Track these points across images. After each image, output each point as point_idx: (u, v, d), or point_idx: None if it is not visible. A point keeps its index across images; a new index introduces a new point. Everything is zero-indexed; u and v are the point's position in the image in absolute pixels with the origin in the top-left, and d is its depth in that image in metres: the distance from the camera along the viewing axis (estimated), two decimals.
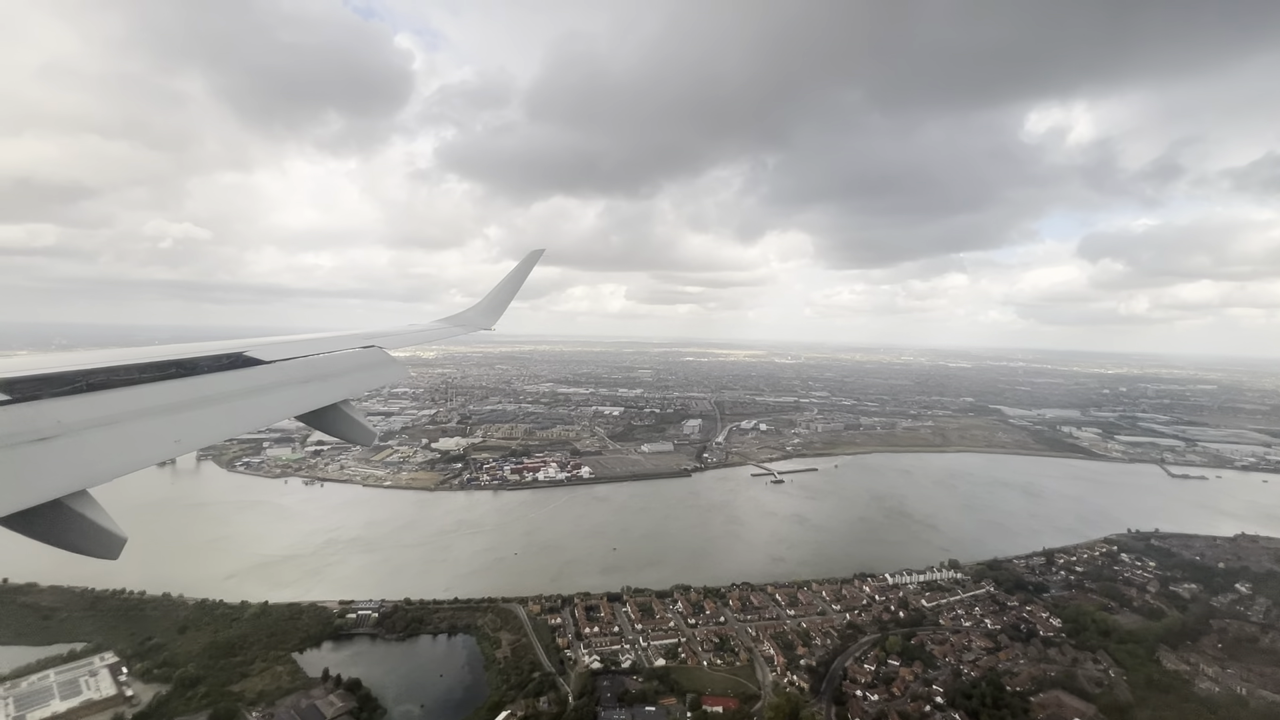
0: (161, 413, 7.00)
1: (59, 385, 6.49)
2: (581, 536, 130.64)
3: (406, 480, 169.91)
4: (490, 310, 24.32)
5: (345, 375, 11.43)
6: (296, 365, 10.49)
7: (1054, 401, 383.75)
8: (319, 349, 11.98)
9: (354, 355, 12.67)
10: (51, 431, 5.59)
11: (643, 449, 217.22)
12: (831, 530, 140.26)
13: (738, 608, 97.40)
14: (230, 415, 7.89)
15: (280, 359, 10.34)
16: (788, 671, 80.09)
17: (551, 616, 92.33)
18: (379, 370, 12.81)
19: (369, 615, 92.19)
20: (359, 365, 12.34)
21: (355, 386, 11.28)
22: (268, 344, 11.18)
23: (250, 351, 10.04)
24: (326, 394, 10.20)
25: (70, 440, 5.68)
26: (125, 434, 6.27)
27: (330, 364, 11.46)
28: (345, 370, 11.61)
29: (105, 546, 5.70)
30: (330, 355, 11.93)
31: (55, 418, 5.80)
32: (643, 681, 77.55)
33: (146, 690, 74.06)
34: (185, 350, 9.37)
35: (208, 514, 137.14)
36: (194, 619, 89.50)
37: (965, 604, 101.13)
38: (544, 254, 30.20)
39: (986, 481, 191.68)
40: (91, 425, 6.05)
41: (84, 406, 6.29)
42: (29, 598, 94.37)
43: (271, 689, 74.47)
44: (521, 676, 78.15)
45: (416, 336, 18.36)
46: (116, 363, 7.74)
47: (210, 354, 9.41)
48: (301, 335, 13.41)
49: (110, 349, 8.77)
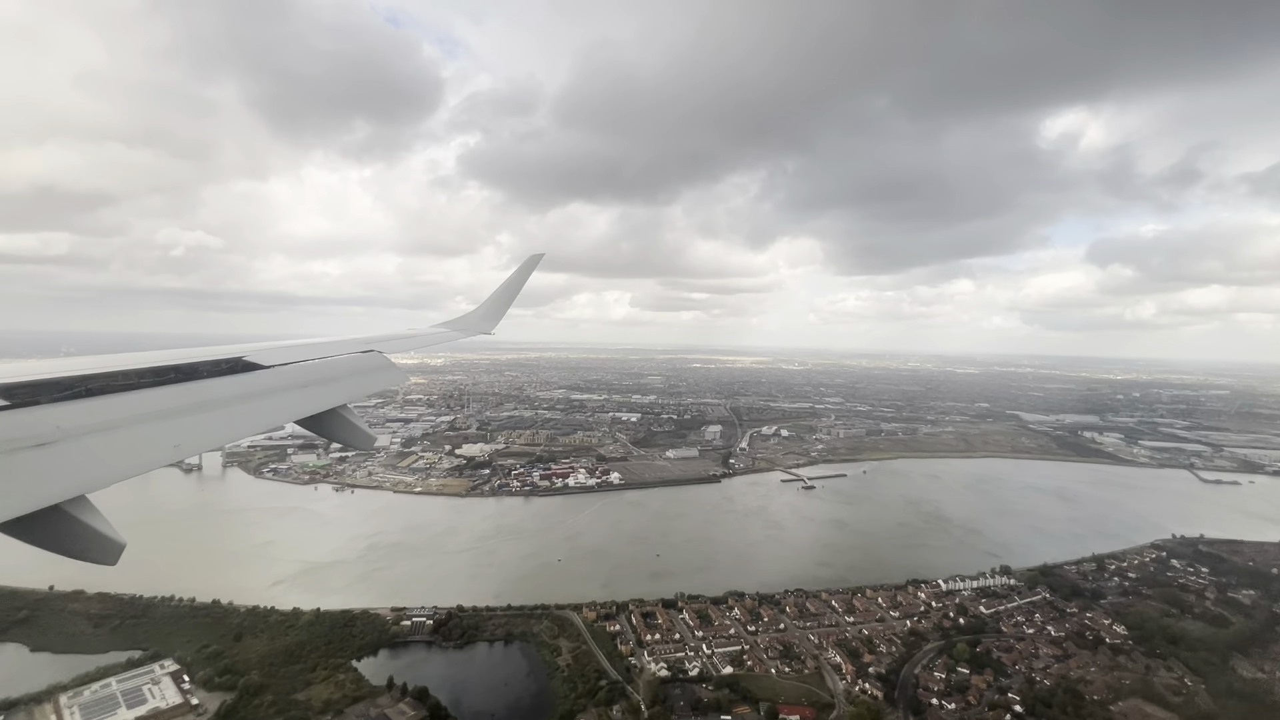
0: (160, 418, 6.97)
1: (58, 390, 6.45)
2: (624, 542, 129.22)
3: (436, 486, 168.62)
4: (490, 315, 24.15)
5: (344, 380, 11.32)
6: (295, 370, 10.41)
7: (1068, 407, 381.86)
8: (318, 354, 11.86)
9: (353, 360, 12.51)
10: (50, 437, 5.54)
11: (668, 455, 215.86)
12: (873, 535, 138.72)
13: (795, 614, 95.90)
14: (229, 420, 7.86)
15: (279, 364, 10.27)
16: (858, 680, 78.56)
17: (609, 624, 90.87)
18: (378, 375, 12.68)
19: (423, 622, 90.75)
20: (358, 370, 12.21)
21: (354, 391, 11.18)
22: (267, 349, 11.12)
23: (249, 356, 9.99)
24: (326, 399, 10.11)
25: (69, 446, 5.62)
26: (124, 439, 6.23)
27: (329, 369, 11.36)
28: (344, 375, 11.51)
29: (104, 552, 5.61)
30: (329, 360, 11.79)
31: (54, 423, 5.75)
32: (713, 690, 76.08)
33: (211, 698, 72.66)
34: (184, 355, 9.33)
35: (245, 520, 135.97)
36: (248, 626, 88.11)
37: (1024, 610, 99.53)
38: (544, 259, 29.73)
39: (1018, 487, 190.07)
40: (90, 431, 5.99)
41: (83, 412, 6.25)
42: (78, 605, 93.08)
43: (337, 697, 73.01)
44: (588, 684, 76.64)
45: (416, 341, 18.22)
46: (115, 368, 7.69)
47: (209, 359, 9.34)
48: (301, 340, 13.32)
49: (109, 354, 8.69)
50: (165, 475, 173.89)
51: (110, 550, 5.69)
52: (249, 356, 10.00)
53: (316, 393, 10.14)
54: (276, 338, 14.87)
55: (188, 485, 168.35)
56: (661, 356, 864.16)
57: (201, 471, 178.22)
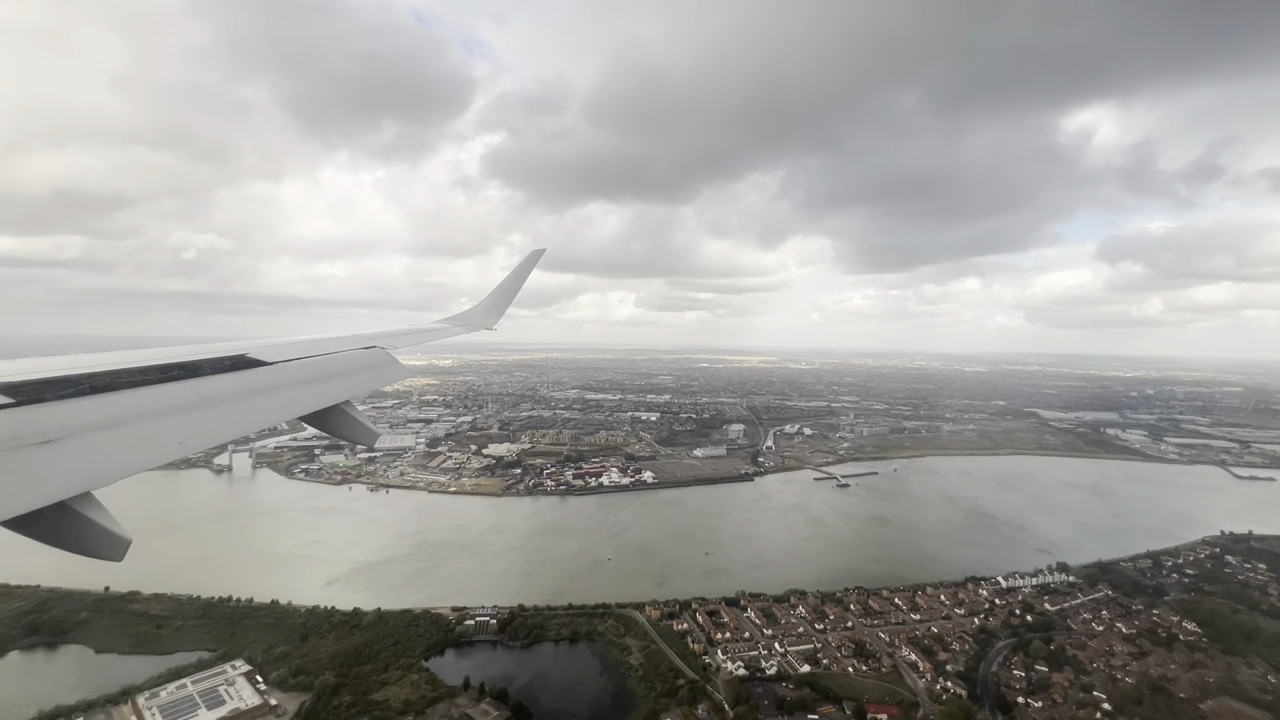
0: (165, 414, 6.98)
1: (63, 388, 6.45)
2: (670, 540, 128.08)
3: (470, 486, 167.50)
4: (491, 310, 24.09)
5: (347, 376, 11.33)
6: (298, 366, 10.43)
7: (1084, 404, 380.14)
8: (321, 350, 11.85)
9: (356, 356, 12.48)
10: (56, 434, 5.52)
11: (696, 454, 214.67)
12: (919, 531, 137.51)
13: (860, 612, 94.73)
14: (233, 416, 7.86)
15: (282, 360, 10.26)
16: (938, 678, 77.39)
17: (675, 622, 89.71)
18: (381, 370, 12.65)
19: (487, 622, 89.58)
20: (361, 366, 12.20)
21: (357, 387, 11.19)
22: (270, 345, 11.12)
23: (252, 353, 10.00)
24: (328, 395, 10.12)
25: (74, 442, 5.60)
26: (129, 436, 6.22)
27: (332, 365, 11.37)
28: (347, 371, 11.52)
29: (109, 548, 5.59)
30: (332, 356, 11.78)
31: (59, 420, 5.73)
32: (793, 689, 74.91)
33: (287, 699, 71.53)
34: (188, 352, 9.30)
35: (288, 521, 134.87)
36: (312, 626, 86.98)
37: (1089, 608, 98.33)
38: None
39: (1051, 483, 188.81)
40: (95, 428, 5.98)
41: (88, 409, 6.23)
42: (136, 605, 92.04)
43: (415, 698, 71.83)
44: (667, 684, 75.45)
45: (418, 337, 18.18)
46: (120, 365, 7.72)
47: (213, 356, 9.31)
48: (304, 336, 13.30)
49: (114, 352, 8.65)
50: (198, 476, 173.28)
51: (116, 546, 5.66)
52: (252, 353, 10.00)
53: (319, 389, 10.15)
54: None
55: (223, 487, 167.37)
56: (668, 356, 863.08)
57: (232, 473, 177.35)
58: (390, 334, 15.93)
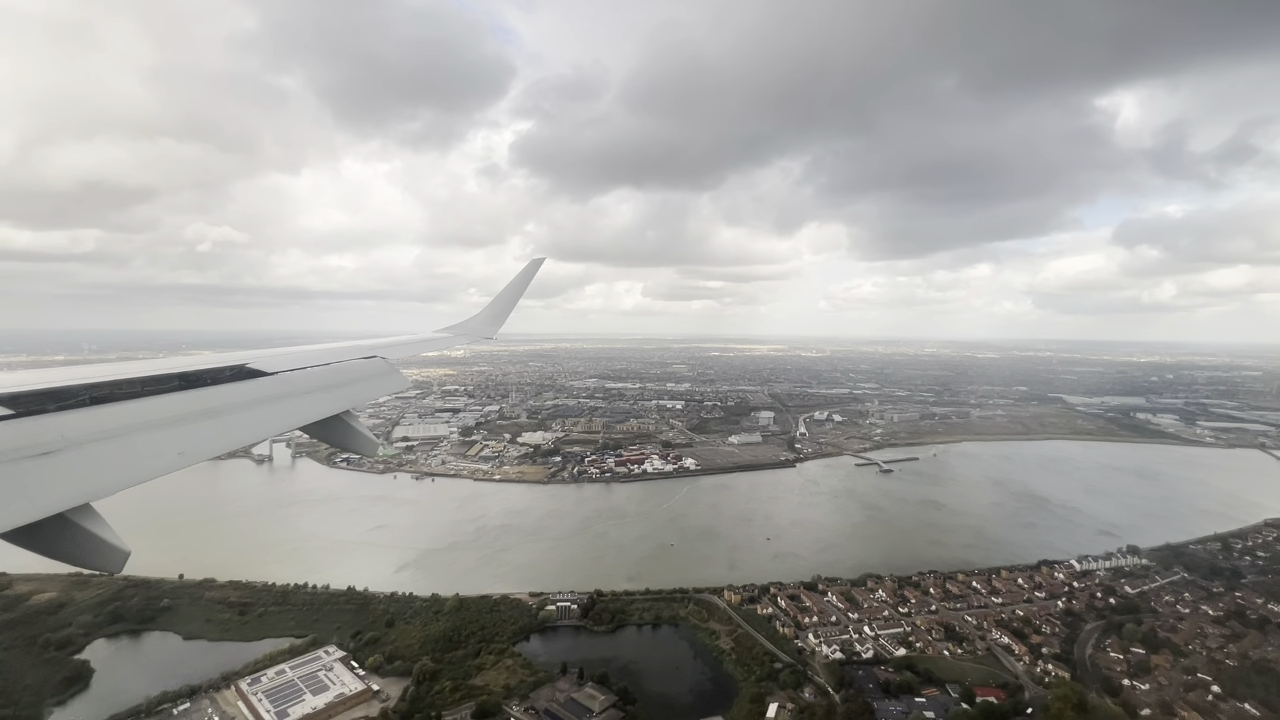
0: (165, 425, 6.97)
1: (63, 399, 6.44)
2: (729, 525, 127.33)
3: (515, 474, 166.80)
4: (492, 319, 24.32)
5: (348, 386, 11.36)
6: (299, 376, 10.50)
7: (1106, 389, 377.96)
8: (322, 359, 11.90)
9: (356, 366, 12.55)
10: (55, 445, 5.55)
11: (731, 440, 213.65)
12: (974, 515, 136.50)
13: (940, 595, 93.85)
14: (233, 427, 7.87)
15: (283, 370, 10.30)
16: (1037, 661, 76.52)
17: (758, 606, 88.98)
18: (381, 380, 12.70)
19: (568, 607, 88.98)
20: (361, 376, 12.26)
21: (358, 397, 11.24)
22: (270, 355, 11.14)
23: (253, 363, 10.01)
24: (329, 405, 10.13)
25: (74, 454, 5.64)
26: (129, 447, 6.23)
27: (333, 375, 11.40)
28: (348, 381, 11.55)
29: (108, 560, 5.64)
30: (333, 366, 11.82)
31: (59, 432, 5.75)
32: (892, 672, 74.12)
33: (387, 684, 71.09)
34: (188, 363, 9.31)
35: (343, 509, 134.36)
36: (396, 612, 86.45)
37: (1168, 590, 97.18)
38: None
39: (1093, 467, 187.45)
40: (95, 439, 5.99)
41: (87, 420, 6.26)
42: (214, 593, 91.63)
43: (515, 682, 71.28)
44: (764, 668, 74.76)
45: (419, 346, 18.29)
46: (120, 376, 7.71)
47: (213, 366, 9.33)
48: (305, 346, 13.42)
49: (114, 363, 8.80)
50: (239, 466, 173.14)
51: (115, 558, 5.66)
52: (252, 363, 9.98)
53: (320, 399, 10.15)
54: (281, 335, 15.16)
55: (268, 476, 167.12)
56: (677, 346, 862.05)
57: (272, 462, 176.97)
58: (391, 344, 16.02)
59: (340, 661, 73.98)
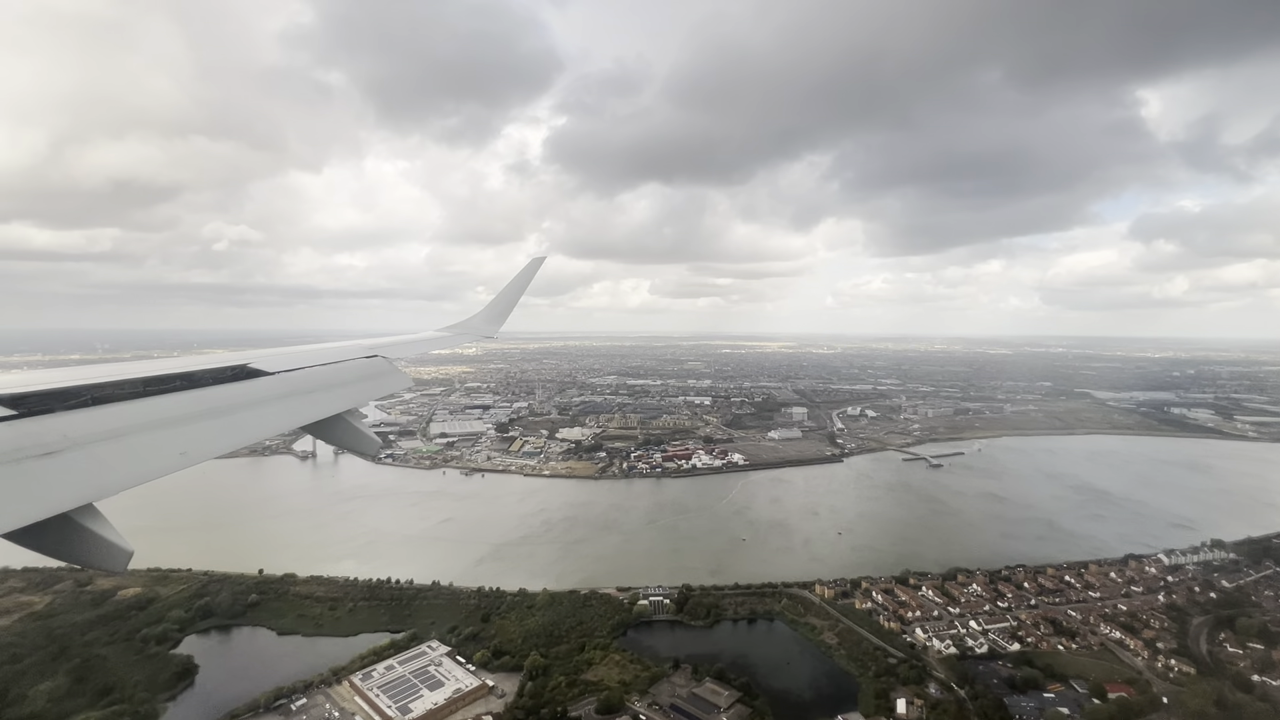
0: (167, 425, 6.99)
1: (65, 399, 6.48)
2: (797, 518, 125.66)
3: (564, 470, 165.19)
4: (493, 318, 24.25)
5: (349, 385, 11.31)
6: (300, 376, 10.45)
7: (1131, 384, 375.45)
8: (323, 359, 11.85)
9: (357, 365, 12.53)
10: (58, 446, 5.59)
11: (771, 435, 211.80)
12: (1038, 508, 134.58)
13: (1035, 590, 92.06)
14: (235, 427, 7.86)
15: (284, 370, 10.27)
16: (1156, 656, 74.68)
17: (858, 600, 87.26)
18: (382, 379, 12.68)
19: (661, 601, 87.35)
20: (362, 375, 12.22)
21: (359, 396, 11.18)
22: (272, 355, 11.12)
23: (254, 363, 9.99)
24: (330, 404, 10.10)
25: (77, 454, 5.67)
26: (131, 447, 6.27)
27: (334, 374, 11.37)
28: (348, 380, 11.52)
29: (112, 559, 5.64)
30: (334, 366, 11.79)
31: (62, 432, 5.80)
32: (1012, 667, 72.38)
33: (500, 680, 69.44)
34: (190, 363, 9.27)
35: (403, 504, 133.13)
36: (490, 607, 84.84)
37: (1267, 584, 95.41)
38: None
39: (1142, 461, 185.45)
40: (97, 439, 6.03)
41: (90, 420, 6.30)
42: (298, 588, 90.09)
43: (630, 678, 69.53)
44: (878, 664, 72.97)
45: (421, 345, 18.21)
46: (121, 376, 7.72)
47: (214, 366, 9.31)
48: (306, 346, 13.42)
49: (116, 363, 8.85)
50: (284, 462, 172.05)
51: (118, 558, 5.65)
52: (254, 363, 9.96)
53: (321, 398, 10.11)
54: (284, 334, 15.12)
55: (316, 472, 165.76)
56: (686, 343, 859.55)
57: (316, 459, 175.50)
58: (392, 343, 15.92)
59: (447, 656, 72.35)
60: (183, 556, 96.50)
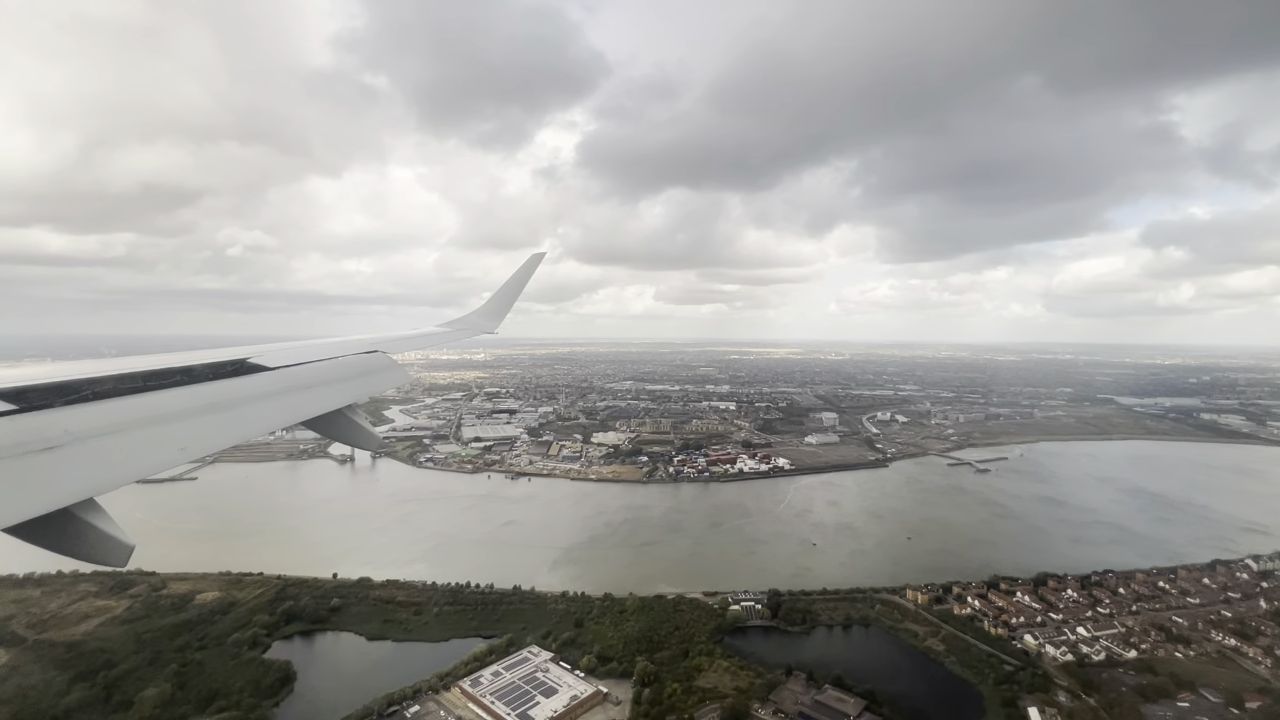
0: (167, 420, 6.97)
1: (66, 394, 6.47)
2: (862, 521, 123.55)
3: (610, 474, 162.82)
4: (493, 314, 24.01)
5: (349, 381, 11.22)
6: (300, 371, 10.38)
7: (1150, 390, 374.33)
8: (323, 354, 11.76)
9: (357, 360, 12.44)
10: (59, 440, 5.57)
11: (809, 440, 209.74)
12: (1101, 512, 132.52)
13: (1131, 595, 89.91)
14: (235, 422, 7.80)
15: (284, 365, 10.20)
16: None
17: (957, 606, 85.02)
18: (382, 375, 12.65)
19: (753, 606, 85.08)
20: (362, 370, 12.12)
21: (359, 391, 11.11)
22: (272, 350, 11.03)
23: (254, 358, 9.90)
24: (330, 399, 9.99)
25: (78, 449, 5.65)
26: (131, 442, 6.21)
27: (334, 370, 11.30)
28: (349, 376, 11.44)
29: (113, 554, 5.59)
30: (334, 361, 11.71)
31: (63, 427, 5.79)
32: (1135, 675, 70.16)
33: (610, 686, 67.00)
34: (190, 358, 9.24)
35: (458, 507, 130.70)
36: (583, 612, 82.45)
37: None
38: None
39: (1188, 466, 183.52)
40: (98, 434, 5.99)
41: (91, 415, 6.29)
42: (377, 592, 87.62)
43: (744, 685, 67.15)
44: (996, 671, 70.65)
45: (421, 341, 18.04)
46: (122, 371, 7.73)
47: (214, 361, 9.26)
48: (306, 341, 13.34)
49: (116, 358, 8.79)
50: (323, 466, 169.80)
51: (119, 552, 5.63)
52: (253, 358, 9.87)
53: (321, 394, 10.05)
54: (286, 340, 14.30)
55: (359, 476, 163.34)
56: (691, 349, 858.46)
57: (354, 463, 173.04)
58: (392, 338, 15.79)
59: (551, 662, 69.97)
60: (251, 561, 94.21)
